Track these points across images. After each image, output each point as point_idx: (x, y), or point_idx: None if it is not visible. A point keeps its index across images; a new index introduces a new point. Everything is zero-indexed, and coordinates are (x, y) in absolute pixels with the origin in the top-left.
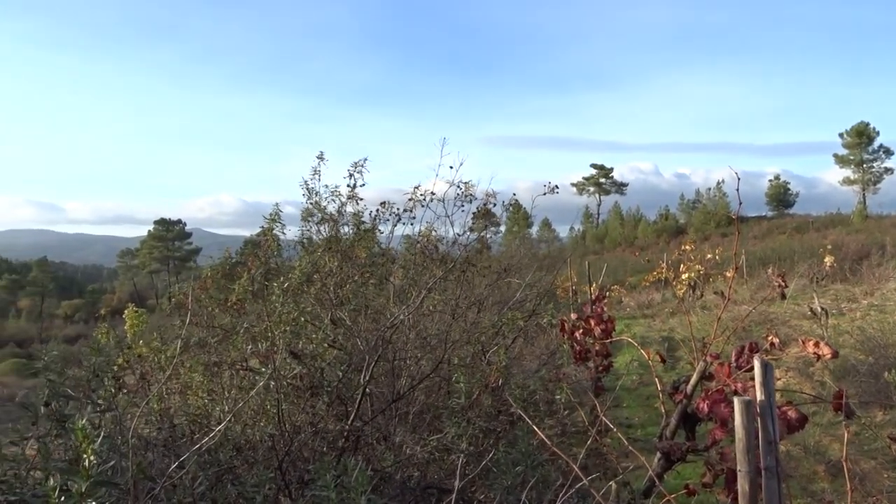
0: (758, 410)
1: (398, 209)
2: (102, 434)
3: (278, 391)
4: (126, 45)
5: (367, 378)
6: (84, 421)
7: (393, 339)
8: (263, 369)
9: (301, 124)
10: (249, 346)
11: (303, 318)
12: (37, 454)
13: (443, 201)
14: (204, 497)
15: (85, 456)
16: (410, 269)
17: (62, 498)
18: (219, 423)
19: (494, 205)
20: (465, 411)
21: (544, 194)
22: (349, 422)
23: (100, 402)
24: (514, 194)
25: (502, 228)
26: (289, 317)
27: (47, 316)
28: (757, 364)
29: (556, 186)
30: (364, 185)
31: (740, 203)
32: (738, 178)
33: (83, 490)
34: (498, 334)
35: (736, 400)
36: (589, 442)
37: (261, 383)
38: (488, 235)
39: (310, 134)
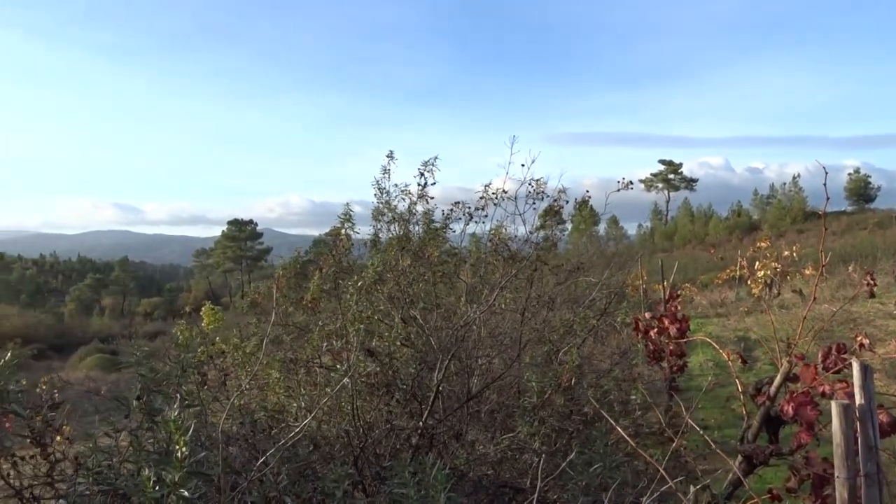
0: (857, 414)
1: (470, 207)
2: (193, 427)
3: (353, 388)
4: (199, 52)
5: (441, 376)
6: (177, 414)
7: (465, 338)
8: (338, 366)
9: (367, 124)
10: (325, 344)
11: (376, 317)
12: (129, 446)
13: (514, 199)
14: (287, 491)
15: (177, 448)
16: (481, 267)
17: (156, 487)
18: (295, 419)
19: (567, 202)
20: (536, 410)
21: (618, 190)
22: (423, 419)
23: (186, 396)
24: (588, 191)
25: (568, 226)
26: (363, 315)
27: (129, 313)
28: (856, 366)
29: (631, 182)
30: (435, 183)
31: (827, 198)
32: (826, 172)
33: (176, 480)
34: (568, 333)
35: (834, 404)
36: (674, 444)
37: (336, 381)
38: (556, 233)
39: (376, 134)
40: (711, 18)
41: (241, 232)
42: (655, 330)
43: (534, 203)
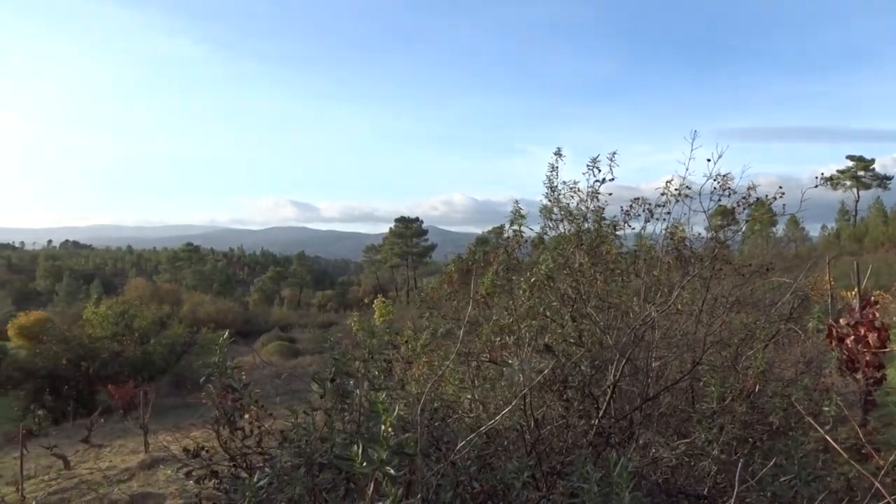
0: None
1: (650, 204)
2: (397, 409)
3: (525, 384)
4: (373, 57)
5: (618, 376)
6: (383, 395)
7: (642, 338)
8: (510, 361)
9: (530, 123)
10: (497, 339)
11: (548, 314)
12: (324, 424)
13: (698, 196)
14: (475, 478)
15: (384, 427)
16: (655, 266)
17: (363, 464)
18: (469, 411)
19: (757, 199)
20: (715, 417)
21: (815, 187)
22: (597, 419)
23: (373, 381)
24: (781, 187)
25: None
26: (535, 311)
27: (304, 304)
28: None
29: (829, 178)
30: (613, 179)
31: None
32: None
33: (383, 458)
34: (749, 338)
35: None
36: (893, 458)
37: (509, 375)
38: (730, 233)
39: (538, 132)
40: None
41: (408, 229)
42: (852, 338)
43: (719, 200)
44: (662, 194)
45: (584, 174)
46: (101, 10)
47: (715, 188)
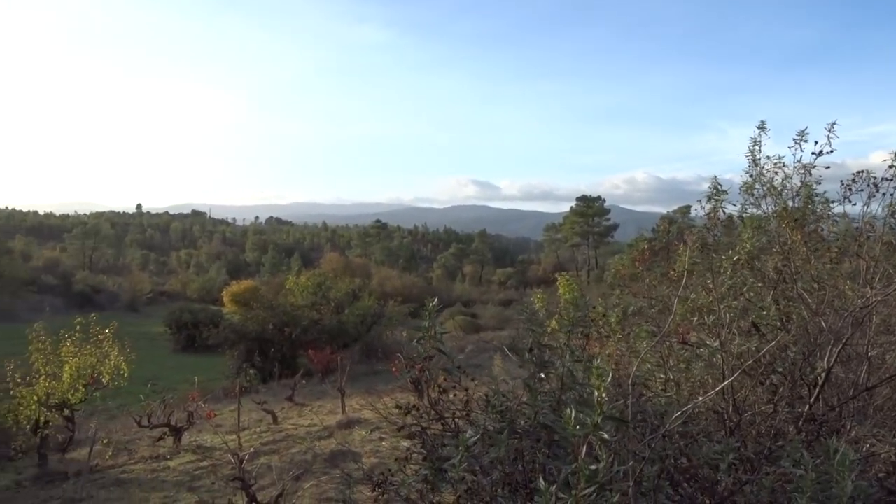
0: None
1: (875, 178)
2: (610, 375)
3: (724, 365)
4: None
5: (832, 362)
6: (599, 361)
7: (862, 323)
8: (708, 342)
9: (723, 96)
10: (695, 318)
11: (752, 294)
12: (524, 392)
13: None
14: (684, 453)
15: (597, 393)
16: (875, 247)
17: (577, 427)
18: (664, 390)
19: None
20: None
21: None
22: (808, 407)
23: (574, 351)
24: None
25: None
26: (737, 291)
27: (485, 281)
28: None
29: None
30: (832, 151)
31: None
32: None
33: (597, 422)
34: None
35: None
36: None
37: (706, 356)
38: None
39: (732, 106)
40: None
41: (589, 208)
42: None
43: None
44: (891, 166)
45: (789, 148)
46: (293, 2)
47: None
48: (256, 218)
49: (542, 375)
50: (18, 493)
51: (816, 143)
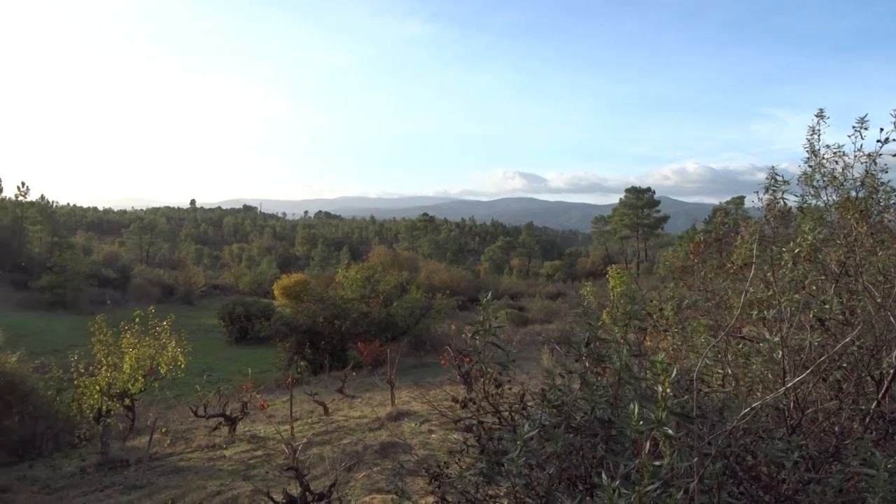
0: None
1: None
2: (675, 371)
3: (784, 361)
4: (601, 22)
5: None
6: (662, 356)
7: None
8: (767, 337)
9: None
10: (755, 312)
11: (814, 287)
12: (580, 387)
13: None
14: (749, 450)
15: (660, 388)
16: None
17: (640, 422)
18: (721, 385)
19: None
20: None
21: None
22: (875, 404)
23: (630, 346)
24: None
25: None
26: (799, 284)
27: (532, 274)
28: None
29: None
30: None
31: None
32: None
33: (661, 418)
34: None
35: None
36: None
37: (765, 351)
38: None
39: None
40: None
41: (639, 200)
42: None
43: None
44: None
45: (849, 136)
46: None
47: None
48: (305, 212)
49: (599, 370)
50: (83, 479)
51: (881, 129)
